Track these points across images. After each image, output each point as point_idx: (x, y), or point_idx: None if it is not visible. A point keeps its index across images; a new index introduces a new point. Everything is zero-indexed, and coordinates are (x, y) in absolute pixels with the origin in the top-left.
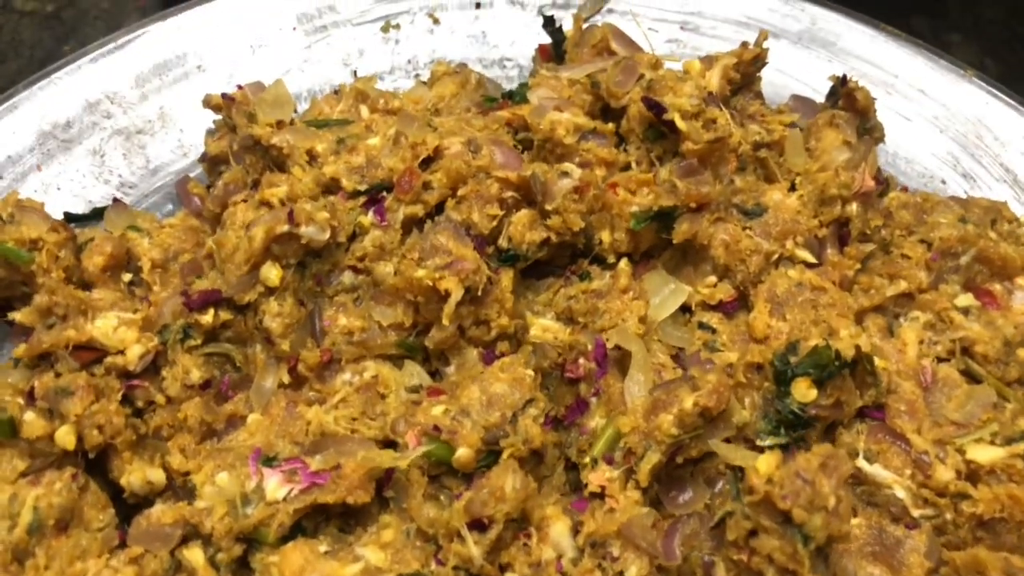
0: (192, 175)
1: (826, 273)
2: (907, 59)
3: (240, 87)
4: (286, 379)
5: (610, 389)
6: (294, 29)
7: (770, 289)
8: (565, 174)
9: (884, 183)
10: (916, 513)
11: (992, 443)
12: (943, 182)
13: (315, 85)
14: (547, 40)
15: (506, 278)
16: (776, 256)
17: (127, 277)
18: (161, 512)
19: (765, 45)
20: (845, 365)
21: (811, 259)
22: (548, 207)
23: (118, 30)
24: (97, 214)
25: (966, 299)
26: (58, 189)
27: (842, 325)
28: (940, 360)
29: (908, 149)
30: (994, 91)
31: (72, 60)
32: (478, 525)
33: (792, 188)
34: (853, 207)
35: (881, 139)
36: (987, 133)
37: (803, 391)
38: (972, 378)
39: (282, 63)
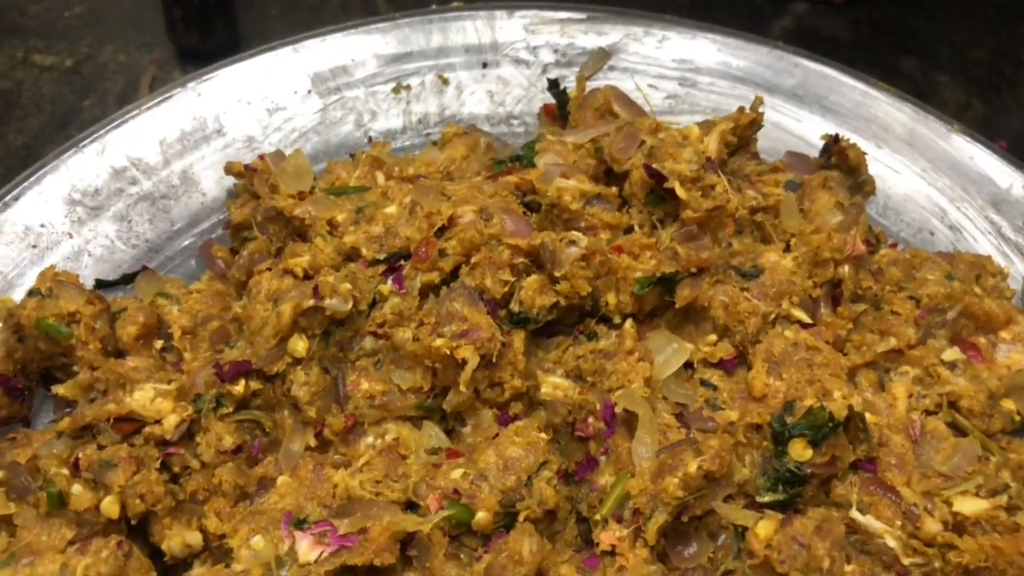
0: (214, 235)
1: (820, 333)
2: (895, 113)
3: (262, 157)
4: (312, 442)
5: (618, 448)
6: (309, 92)
7: (767, 349)
8: (573, 243)
9: (875, 243)
10: (906, 562)
11: (977, 495)
12: (931, 234)
13: (331, 147)
14: (552, 100)
15: (518, 340)
16: (773, 316)
17: (159, 344)
18: None
19: (760, 109)
20: (838, 425)
21: (806, 319)
22: (557, 273)
23: (135, 82)
24: (126, 279)
25: (952, 353)
26: (89, 255)
27: (835, 385)
28: (928, 413)
29: (898, 201)
30: (979, 144)
31: (98, 129)
32: None
33: (787, 248)
34: (845, 269)
35: (872, 193)
36: (972, 186)
37: (799, 451)
38: (958, 431)
39: (299, 125)
